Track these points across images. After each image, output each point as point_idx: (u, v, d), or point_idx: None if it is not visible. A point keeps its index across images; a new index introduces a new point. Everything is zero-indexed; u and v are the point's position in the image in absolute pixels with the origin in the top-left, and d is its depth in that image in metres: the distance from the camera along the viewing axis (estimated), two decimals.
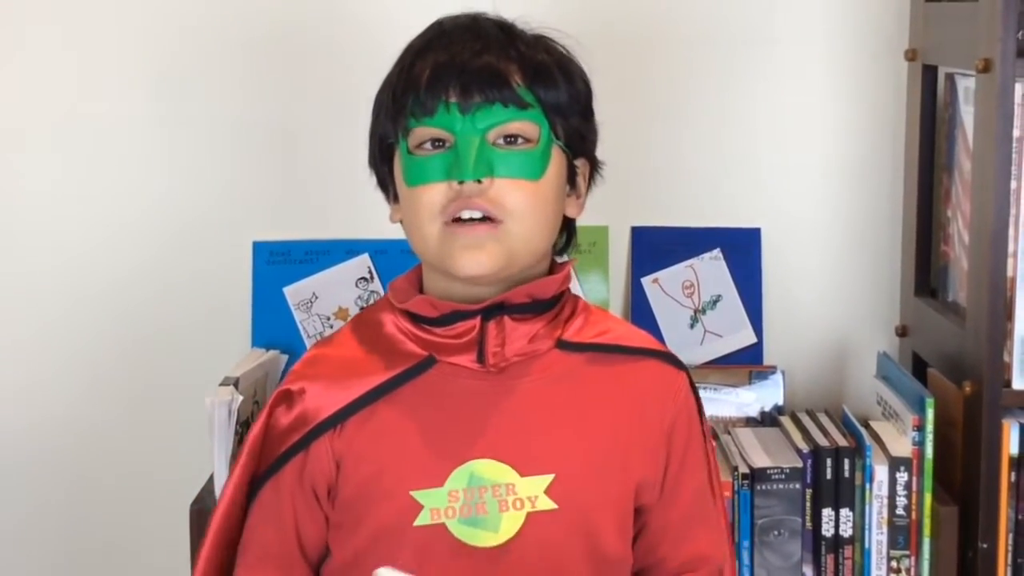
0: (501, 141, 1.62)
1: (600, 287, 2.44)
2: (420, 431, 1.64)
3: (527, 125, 1.62)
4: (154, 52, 2.42)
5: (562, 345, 1.67)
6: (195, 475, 2.16)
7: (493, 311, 1.64)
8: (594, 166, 1.73)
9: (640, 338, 1.75)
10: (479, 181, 1.59)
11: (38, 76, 2.42)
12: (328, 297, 2.40)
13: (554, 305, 1.68)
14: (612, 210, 2.40)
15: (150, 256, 2.45)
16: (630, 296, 2.46)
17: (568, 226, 1.73)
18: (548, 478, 1.63)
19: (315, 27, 2.41)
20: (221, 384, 2.14)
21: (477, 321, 1.64)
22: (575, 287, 2.37)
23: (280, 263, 2.41)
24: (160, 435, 2.46)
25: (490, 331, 1.64)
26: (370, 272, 2.41)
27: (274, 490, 1.68)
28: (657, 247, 2.46)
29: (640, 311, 2.44)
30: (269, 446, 1.68)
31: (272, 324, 2.40)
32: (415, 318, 1.67)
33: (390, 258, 2.39)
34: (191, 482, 2.16)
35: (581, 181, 1.71)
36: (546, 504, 1.63)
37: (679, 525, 1.72)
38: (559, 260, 1.73)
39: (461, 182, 1.59)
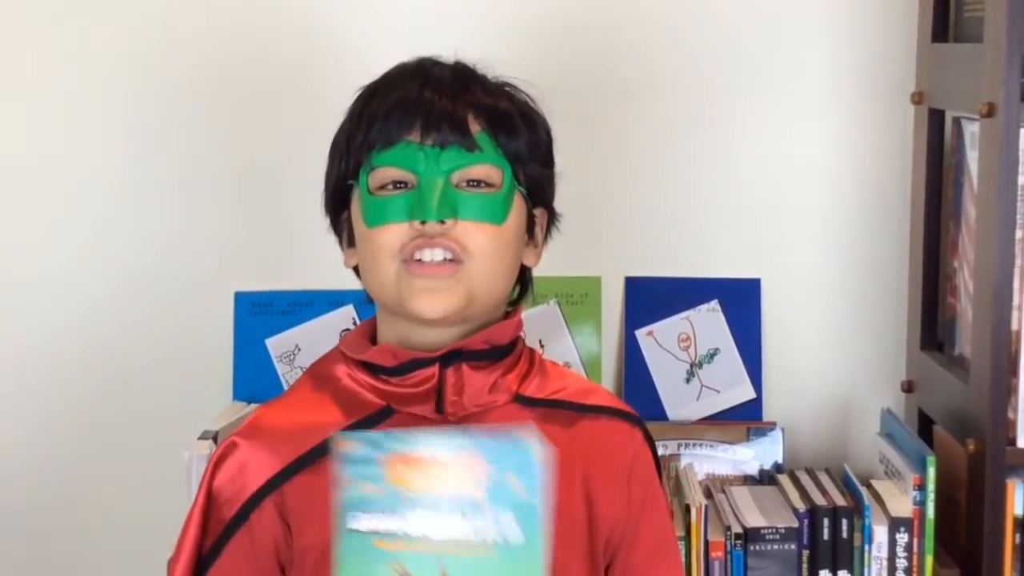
0: (464, 184, 1.60)
1: (592, 340, 2.38)
2: None
3: (491, 170, 1.60)
4: (132, 100, 2.41)
5: (519, 400, 1.64)
6: (173, 530, 2.04)
7: (451, 358, 1.60)
8: (551, 217, 1.71)
9: (597, 395, 1.71)
10: (442, 222, 1.57)
11: (12, 123, 2.42)
12: (311, 349, 2.35)
13: (510, 352, 1.65)
14: (606, 260, 2.36)
15: (130, 307, 2.43)
16: (623, 349, 2.40)
17: (524, 276, 1.70)
18: None
19: (297, 74, 2.40)
20: (200, 438, 2.13)
21: (435, 369, 1.60)
22: (567, 341, 2.33)
23: (262, 314, 2.39)
24: (138, 489, 2.43)
25: (448, 379, 1.60)
26: (355, 323, 2.37)
27: (231, 556, 1.63)
28: (652, 298, 2.39)
29: (634, 365, 2.37)
30: (215, 515, 1.64)
31: (254, 376, 2.37)
32: (372, 369, 1.63)
33: (375, 309, 2.34)
34: (168, 536, 2.02)
35: (539, 231, 1.70)
36: None
37: None
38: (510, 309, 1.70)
39: (423, 222, 1.57)
